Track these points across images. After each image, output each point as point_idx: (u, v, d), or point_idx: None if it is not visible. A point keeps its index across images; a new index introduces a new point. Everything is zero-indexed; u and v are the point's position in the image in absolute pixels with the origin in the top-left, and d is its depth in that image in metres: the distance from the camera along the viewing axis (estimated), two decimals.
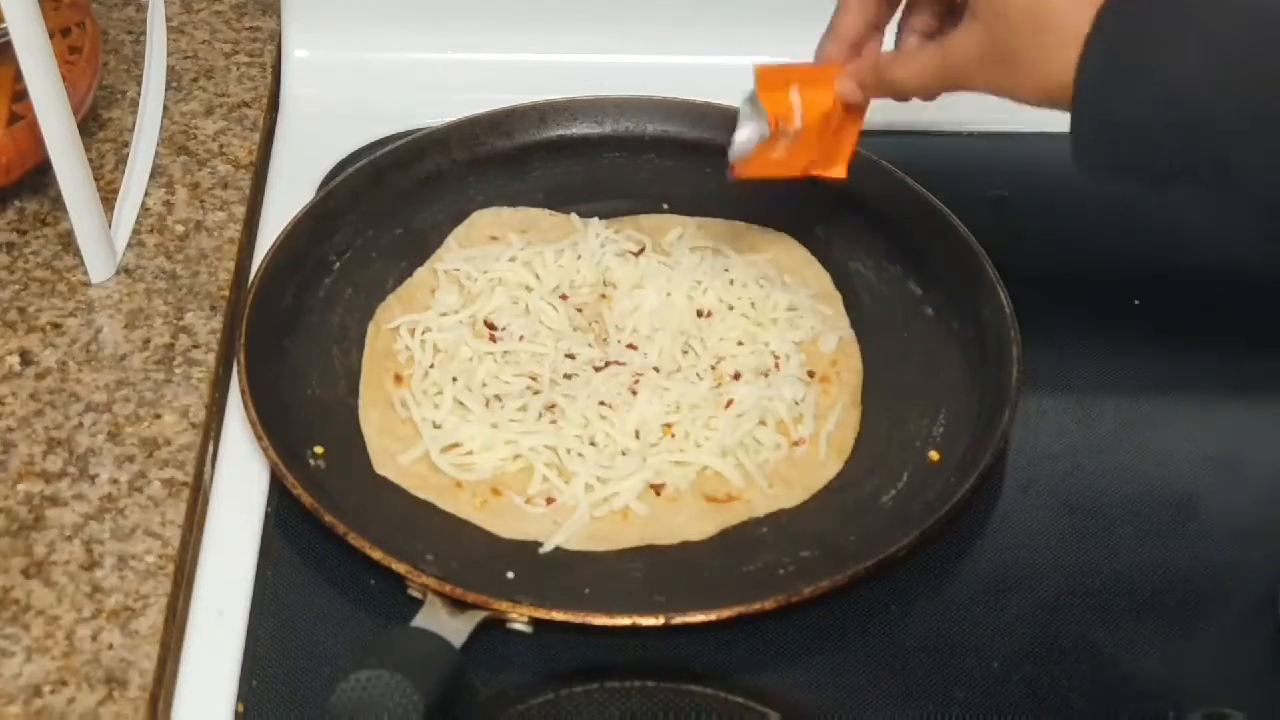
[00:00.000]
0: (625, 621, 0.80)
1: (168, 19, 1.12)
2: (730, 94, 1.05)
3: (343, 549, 0.82)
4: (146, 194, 1.00)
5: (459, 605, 0.79)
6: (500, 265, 0.97)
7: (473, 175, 1.04)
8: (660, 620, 0.80)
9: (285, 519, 0.86)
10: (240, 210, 1.00)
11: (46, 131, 0.89)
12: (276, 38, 1.12)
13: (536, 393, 0.91)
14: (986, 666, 0.82)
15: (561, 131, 1.07)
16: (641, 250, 0.99)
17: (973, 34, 0.79)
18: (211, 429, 0.90)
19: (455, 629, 0.78)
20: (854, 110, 0.89)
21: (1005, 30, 0.77)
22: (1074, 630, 0.83)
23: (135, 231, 0.98)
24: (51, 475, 0.85)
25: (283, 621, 0.82)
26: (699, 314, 0.95)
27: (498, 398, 0.90)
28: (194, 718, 0.79)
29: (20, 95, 0.94)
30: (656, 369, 0.92)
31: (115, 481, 0.85)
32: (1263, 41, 0.71)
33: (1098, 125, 0.75)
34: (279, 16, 1.12)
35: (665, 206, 1.03)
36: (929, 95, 0.84)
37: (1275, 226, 0.77)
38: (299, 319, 0.95)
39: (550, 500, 0.87)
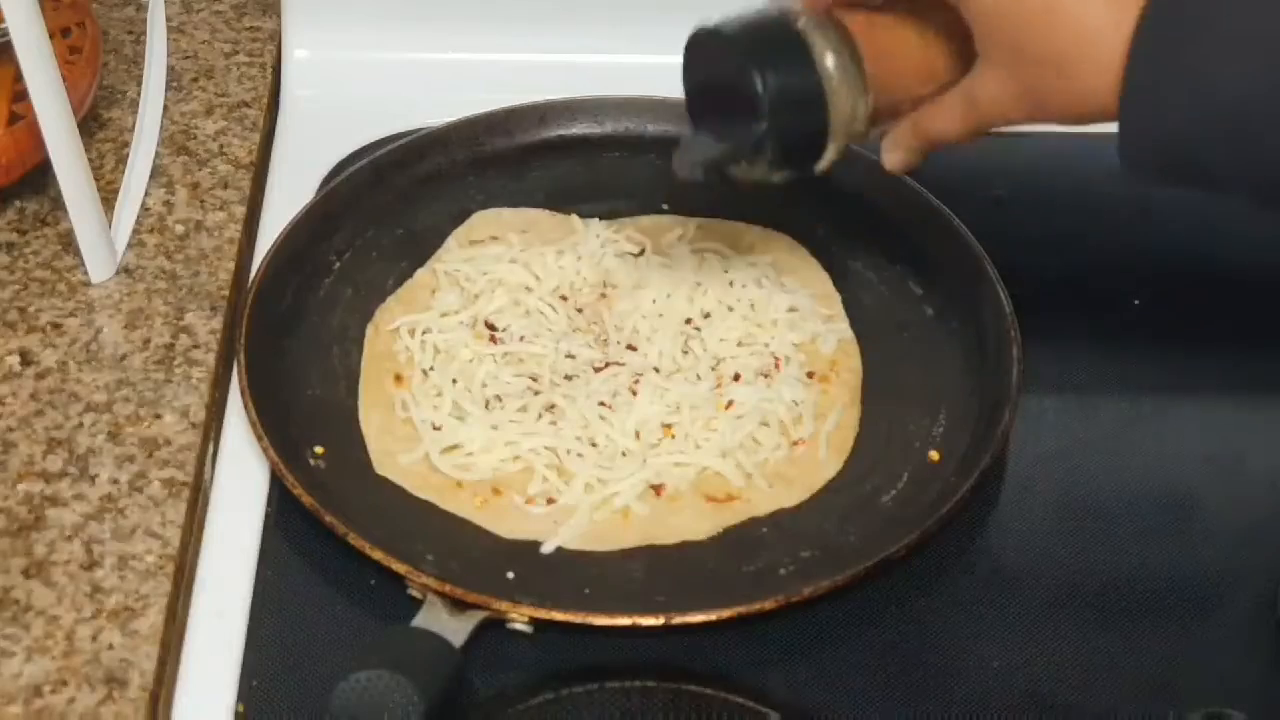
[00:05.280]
0: (625, 621, 0.80)
1: (168, 19, 1.12)
2: None
3: (343, 549, 0.82)
4: (146, 194, 1.00)
5: (459, 605, 0.79)
6: (500, 266, 0.97)
7: (473, 175, 1.04)
8: (660, 620, 0.80)
9: (285, 519, 0.86)
10: (240, 210, 1.00)
11: (46, 131, 0.89)
12: (276, 38, 1.12)
13: (536, 393, 0.91)
14: (986, 666, 0.82)
15: (561, 131, 1.07)
16: (642, 251, 0.99)
17: (994, 79, 0.77)
18: (211, 429, 0.90)
19: (455, 629, 0.78)
20: None
21: (1026, 72, 0.76)
22: (1074, 630, 0.83)
23: (135, 231, 0.98)
24: (51, 475, 0.85)
25: (283, 622, 0.82)
26: (699, 314, 0.96)
27: (498, 398, 0.90)
28: (194, 718, 0.79)
29: (20, 95, 0.94)
30: (656, 370, 0.92)
31: (115, 481, 0.85)
32: None
33: (1147, 141, 0.73)
34: (279, 16, 1.12)
35: (665, 207, 1.03)
36: (972, 139, 0.81)
37: None
38: (299, 319, 0.95)
39: (550, 500, 0.87)
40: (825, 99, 0.79)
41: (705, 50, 0.81)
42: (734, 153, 0.81)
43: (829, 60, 0.79)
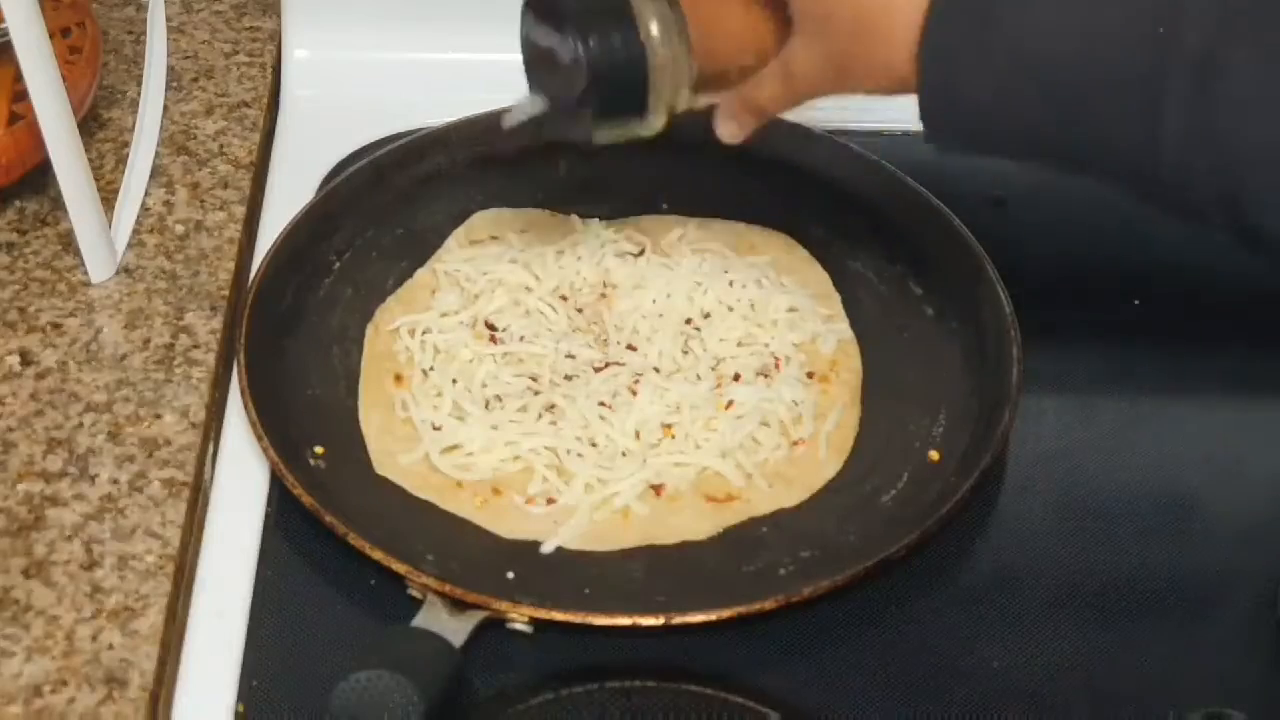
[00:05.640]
0: (625, 621, 0.80)
1: (168, 19, 1.12)
2: None
3: (343, 549, 0.82)
4: (146, 194, 1.00)
5: (459, 605, 0.79)
6: (500, 266, 0.97)
7: (473, 175, 1.04)
8: (660, 620, 0.80)
9: (285, 519, 0.86)
10: (240, 210, 1.00)
11: (46, 131, 0.89)
12: (276, 38, 1.12)
13: (536, 393, 0.91)
14: (986, 666, 0.82)
15: None
16: (642, 251, 0.99)
17: (805, 49, 0.78)
18: (211, 429, 0.90)
19: (455, 629, 0.78)
20: None
21: (833, 42, 0.77)
22: (1074, 630, 0.83)
23: (135, 231, 0.98)
24: (51, 475, 0.85)
25: (283, 622, 0.82)
26: (699, 314, 0.96)
27: (498, 398, 0.91)
28: (194, 718, 0.79)
29: (20, 95, 0.94)
30: (656, 370, 0.92)
31: (115, 481, 0.85)
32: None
33: (945, 106, 0.74)
34: (279, 16, 1.12)
35: (665, 206, 1.03)
36: (792, 108, 0.83)
37: (1139, 196, 0.76)
38: (299, 319, 0.95)
39: (550, 500, 0.87)
40: (645, 63, 0.80)
41: (536, 14, 0.84)
42: (556, 110, 0.84)
43: (653, 27, 0.80)
